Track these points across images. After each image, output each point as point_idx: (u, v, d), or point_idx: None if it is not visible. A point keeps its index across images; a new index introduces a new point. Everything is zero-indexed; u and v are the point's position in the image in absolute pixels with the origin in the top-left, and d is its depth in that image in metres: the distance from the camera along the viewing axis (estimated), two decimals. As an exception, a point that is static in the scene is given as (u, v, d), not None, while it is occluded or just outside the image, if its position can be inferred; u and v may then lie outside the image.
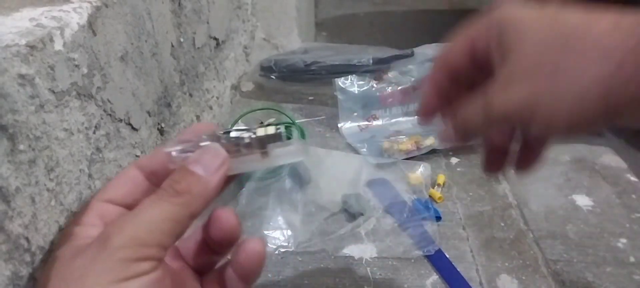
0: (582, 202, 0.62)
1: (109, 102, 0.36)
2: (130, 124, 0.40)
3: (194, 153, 0.29)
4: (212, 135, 0.30)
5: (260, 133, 0.30)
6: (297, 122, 0.75)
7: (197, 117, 0.63)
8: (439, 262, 0.51)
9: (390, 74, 0.78)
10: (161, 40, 0.48)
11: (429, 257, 0.52)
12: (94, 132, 0.33)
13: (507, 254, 0.53)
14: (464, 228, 0.57)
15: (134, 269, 0.24)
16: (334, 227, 0.57)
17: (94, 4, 0.34)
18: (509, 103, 0.26)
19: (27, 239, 0.26)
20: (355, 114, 0.77)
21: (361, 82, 0.77)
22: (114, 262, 0.24)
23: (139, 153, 0.41)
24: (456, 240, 0.55)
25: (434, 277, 0.50)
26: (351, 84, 0.77)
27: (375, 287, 0.49)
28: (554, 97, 0.25)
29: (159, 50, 0.48)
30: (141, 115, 0.42)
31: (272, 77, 0.87)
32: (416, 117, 0.34)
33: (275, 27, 0.98)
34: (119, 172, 0.31)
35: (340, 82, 0.77)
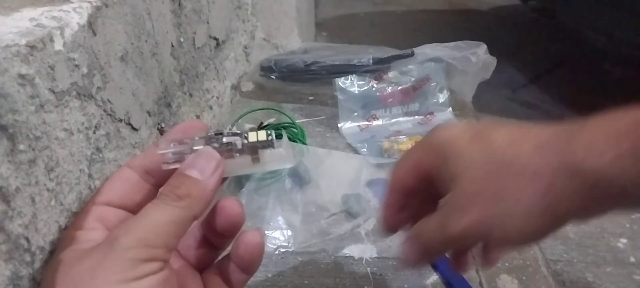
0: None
1: (109, 102, 0.36)
2: (130, 124, 0.40)
3: (189, 157, 0.29)
4: (204, 138, 0.30)
5: (251, 138, 0.30)
6: (297, 122, 0.75)
7: (197, 117, 0.63)
8: (439, 262, 0.51)
9: (390, 74, 0.78)
10: (161, 40, 0.48)
11: (429, 257, 0.52)
12: (94, 132, 0.33)
13: (507, 254, 0.53)
14: (464, 228, 0.57)
15: (142, 269, 0.25)
16: (334, 227, 0.57)
17: (94, 4, 0.34)
18: (465, 226, 0.29)
19: (27, 239, 0.26)
20: (355, 114, 0.77)
21: (361, 82, 0.78)
22: (123, 262, 0.24)
23: (139, 153, 0.41)
24: (456, 240, 0.55)
25: (434, 277, 0.50)
26: (351, 84, 0.77)
27: (375, 287, 0.49)
28: (504, 218, 0.28)
29: (159, 50, 0.48)
30: (141, 115, 0.42)
31: (272, 77, 0.87)
32: (380, 222, 0.39)
33: (275, 27, 0.98)
34: (113, 174, 0.31)
35: (340, 82, 0.77)
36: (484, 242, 0.33)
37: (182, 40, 0.56)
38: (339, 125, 0.77)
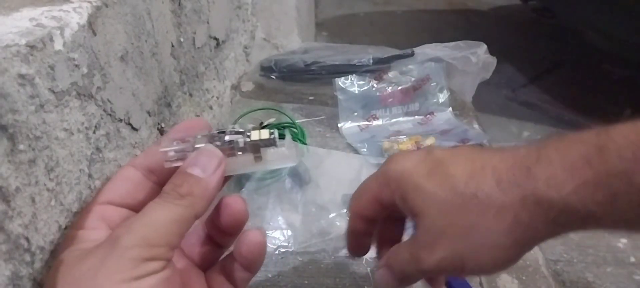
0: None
1: (109, 102, 0.36)
2: (130, 124, 0.40)
3: (191, 155, 0.29)
4: (207, 136, 0.30)
5: (254, 137, 0.30)
6: (297, 122, 0.75)
7: (197, 117, 0.63)
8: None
9: (390, 74, 0.78)
10: (161, 40, 0.48)
11: (429, 257, 0.52)
12: (94, 132, 0.33)
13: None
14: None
15: (144, 268, 0.25)
16: (334, 227, 0.57)
17: (94, 4, 0.34)
18: (437, 261, 0.30)
19: (27, 239, 0.26)
20: (355, 114, 0.77)
21: (361, 82, 0.77)
22: (126, 261, 0.24)
23: (139, 153, 0.41)
24: (456, 240, 0.55)
25: (434, 277, 0.50)
26: (351, 84, 0.77)
27: (375, 287, 0.49)
28: (475, 253, 0.29)
29: (159, 50, 0.48)
30: (141, 115, 0.42)
31: (272, 77, 0.87)
32: (346, 248, 0.40)
33: (275, 27, 0.98)
34: (115, 173, 0.31)
35: (340, 82, 0.77)
36: (458, 274, 0.34)
37: (182, 40, 0.56)
38: (339, 125, 0.77)
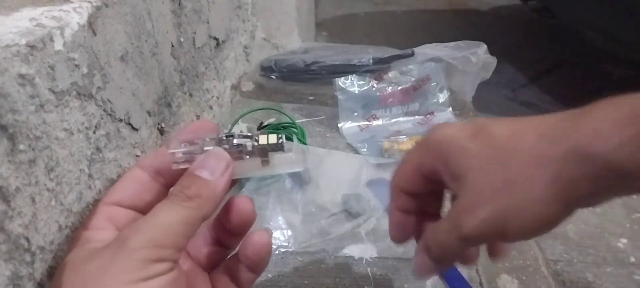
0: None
1: (109, 102, 0.36)
2: (130, 124, 0.40)
3: (199, 157, 0.29)
4: (215, 139, 0.30)
5: (262, 141, 0.30)
6: (297, 122, 0.75)
7: (198, 117, 0.63)
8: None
9: (390, 74, 0.78)
10: (161, 40, 0.48)
11: (429, 257, 0.52)
12: (94, 132, 0.33)
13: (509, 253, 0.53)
14: (464, 228, 0.57)
15: (152, 270, 0.25)
16: (334, 227, 0.57)
17: (94, 4, 0.34)
18: (479, 223, 0.28)
19: (27, 239, 0.26)
20: (355, 114, 0.77)
21: (361, 82, 0.78)
22: (133, 262, 0.24)
23: (139, 153, 0.41)
24: (456, 240, 0.55)
25: (434, 277, 0.50)
26: (351, 84, 0.77)
27: (375, 287, 0.49)
28: (517, 210, 0.27)
29: (159, 50, 0.48)
30: (141, 115, 0.42)
31: (272, 77, 0.87)
32: (389, 230, 0.38)
33: (275, 27, 0.98)
34: (123, 174, 0.31)
35: (340, 82, 0.77)
36: (499, 238, 0.33)
37: (182, 40, 0.56)
38: (339, 125, 0.77)
